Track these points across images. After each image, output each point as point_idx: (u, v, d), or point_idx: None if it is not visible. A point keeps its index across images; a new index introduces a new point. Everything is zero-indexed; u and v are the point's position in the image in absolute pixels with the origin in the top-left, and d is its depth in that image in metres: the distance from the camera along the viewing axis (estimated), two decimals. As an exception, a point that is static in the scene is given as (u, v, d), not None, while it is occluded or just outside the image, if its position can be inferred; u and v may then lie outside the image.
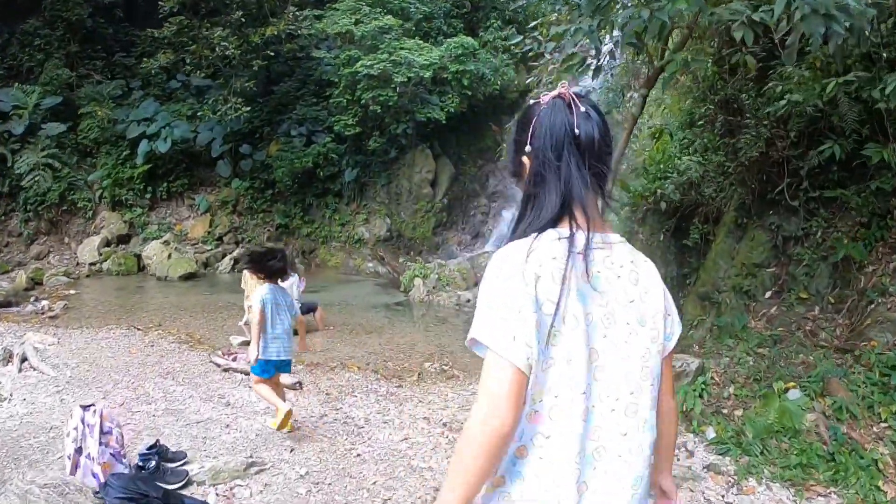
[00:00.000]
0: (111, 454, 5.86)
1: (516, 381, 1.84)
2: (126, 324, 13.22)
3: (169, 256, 20.57)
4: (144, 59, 23.39)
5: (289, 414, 6.77)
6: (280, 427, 6.81)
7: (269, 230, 23.22)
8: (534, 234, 1.97)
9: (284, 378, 7.80)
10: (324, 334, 12.42)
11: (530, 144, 2.07)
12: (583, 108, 2.03)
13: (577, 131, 2.00)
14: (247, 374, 9.28)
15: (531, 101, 2.20)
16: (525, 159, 2.11)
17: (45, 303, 15.64)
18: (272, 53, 22.80)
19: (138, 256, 21.24)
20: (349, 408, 8.16)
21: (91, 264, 21.18)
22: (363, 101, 21.11)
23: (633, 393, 2.01)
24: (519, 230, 2.06)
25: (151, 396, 8.65)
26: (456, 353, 11.08)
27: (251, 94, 23.01)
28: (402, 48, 20.90)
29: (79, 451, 5.72)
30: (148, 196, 23.25)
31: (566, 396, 1.91)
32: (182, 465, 6.41)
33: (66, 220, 23.09)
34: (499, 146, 24.73)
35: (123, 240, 22.45)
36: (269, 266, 7.00)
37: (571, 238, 1.96)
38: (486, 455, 1.84)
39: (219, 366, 10.00)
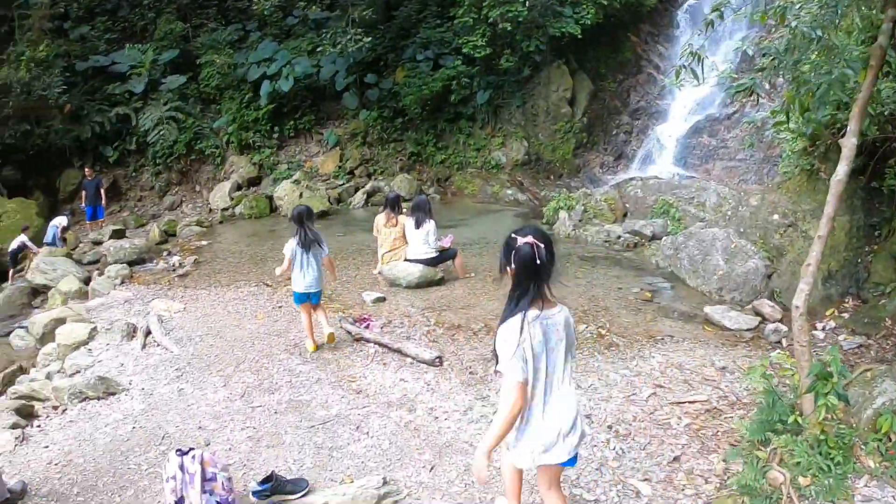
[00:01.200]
0: (217, 503, 4.86)
1: (523, 387, 3.68)
2: (255, 279, 12.24)
3: (300, 195, 19.63)
4: (255, -1, 22.60)
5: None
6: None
7: (401, 160, 21.98)
8: (521, 314, 3.67)
9: (422, 353, 7.69)
10: (464, 284, 10.90)
11: (513, 265, 3.75)
12: (541, 245, 3.66)
13: (538, 262, 3.65)
14: (380, 344, 8.29)
15: (512, 237, 3.77)
16: (508, 271, 3.83)
17: (176, 258, 15.08)
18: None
19: (270, 198, 20.42)
20: (496, 394, 6.61)
21: (223, 209, 20.69)
22: (491, 19, 19.28)
23: (562, 373, 3.91)
24: (514, 310, 3.71)
25: (275, 383, 7.54)
26: (611, 308, 9.39)
27: (371, 21, 21.67)
28: (527, -43, 18.84)
29: (180, 501, 4.80)
30: (275, 136, 22.48)
31: (536, 386, 3.81)
32: (303, 495, 5.22)
33: (195, 168, 22.79)
34: (640, 59, 22.70)
35: (254, 182, 21.86)
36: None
37: (536, 317, 3.72)
38: (513, 421, 3.71)
39: (350, 333, 8.72)
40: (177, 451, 4.95)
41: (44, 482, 5.95)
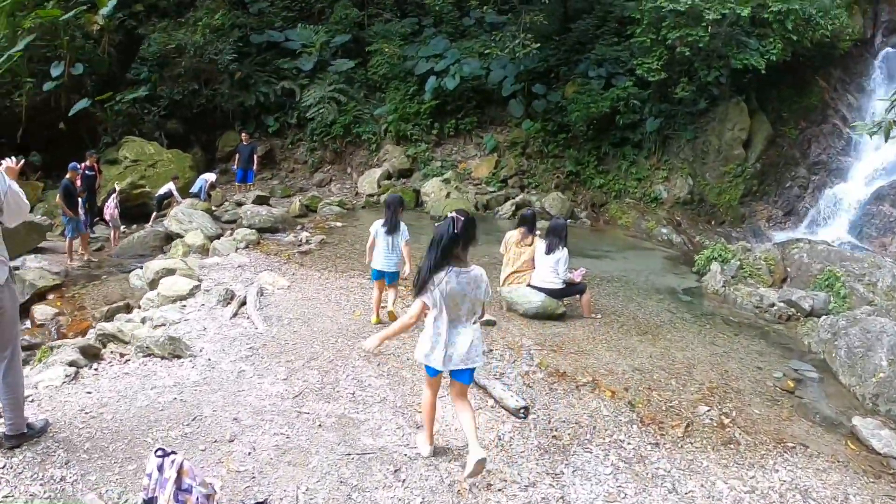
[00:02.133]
0: (187, 518, 4.23)
1: (423, 307, 5.12)
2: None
3: (448, 195, 19.09)
4: (431, -8, 22.51)
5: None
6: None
7: (558, 176, 20.94)
8: (444, 269, 5.04)
9: (507, 399, 6.83)
10: (586, 325, 9.77)
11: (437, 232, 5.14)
12: (461, 220, 5.00)
13: (455, 231, 4.99)
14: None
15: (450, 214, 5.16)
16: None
17: (305, 234, 14.96)
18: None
19: (417, 192, 20.01)
20: (573, 474, 5.59)
21: (369, 195, 20.51)
22: (669, 42, 18.01)
23: (469, 314, 5.24)
24: (434, 264, 5.04)
25: (337, 390, 6.82)
26: (743, 393, 7.90)
27: (545, 30, 20.94)
28: (714, -21, 17.39)
29: (151, 501, 4.32)
30: (434, 132, 22.07)
31: (445, 316, 5.15)
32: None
33: (349, 151, 22.83)
34: (826, 107, 20.82)
35: (404, 174, 21.49)
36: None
37: (452, 270, 5.04)
38: (406, 328, 5.36)
39: None
40: (158, 450, 4.38)
41: (66, 427, 5.70)
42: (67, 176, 15.00)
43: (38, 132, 20.90)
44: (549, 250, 10.00)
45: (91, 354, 7.61)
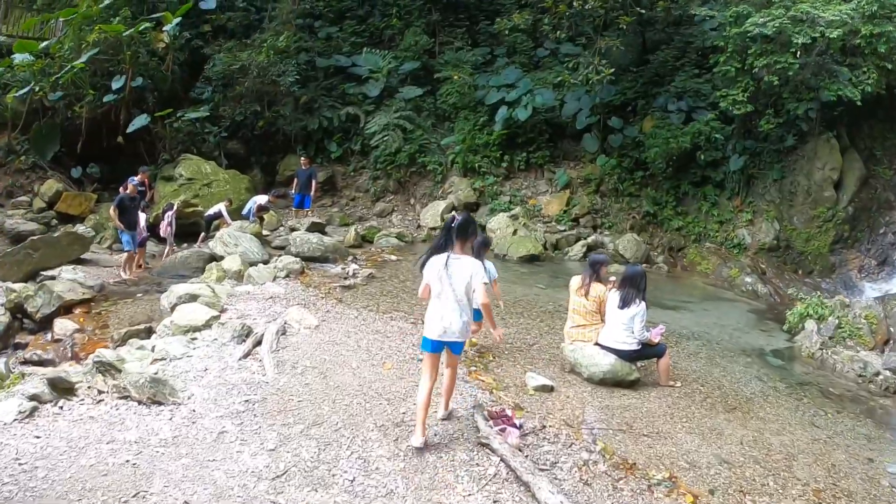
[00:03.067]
0: None
1: (427, 288, 6.46)
2: (417, 314, 10.35)
3: (514, 232, 18.06)
4: (498, 18, 21.86)
5: None
6: None
7: (633, 217, 19.60)
8: (445, 253, 6.35)
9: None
10: (664, 396, 8.48)
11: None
12: (458, 218, 6.45)
13: (452, 225, 6.39)
14: (507, 465, 6.04)
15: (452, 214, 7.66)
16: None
17: (354, 266, 14.16)
18: (641, 11, 19.23)
19: (482, 227, 18.76)
20: None
21: (431, 228, 19.52)
22: (755, 71, 16.63)
23: (459, 295, 6.33)
24: (436, 249, 6.44)
25: (333, 473, 5.71)
26: (855, 496, 6.50)
27: (622, 60, 19.99)
28: (801, 1, 15.96)
29: None
30: (503, 165, 20.94)
31: (439, 295, 6.38)
32: None
33: (413, 181, 21.94)
34: (924, 143, 19.07)
35: (470, 208, 20.29)
36: None
37: (448, 256, 6.32)
38: (421, 299, 6.65)
39: (478, 432, 6.56)
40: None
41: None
42: (125, 189, 14.88)
43: (97, 144, 20.80)
44: (624, 304, 8.67)
45: (62, 388, 6.78)
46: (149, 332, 9.86)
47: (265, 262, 13.78)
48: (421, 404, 6.23)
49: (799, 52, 16.16)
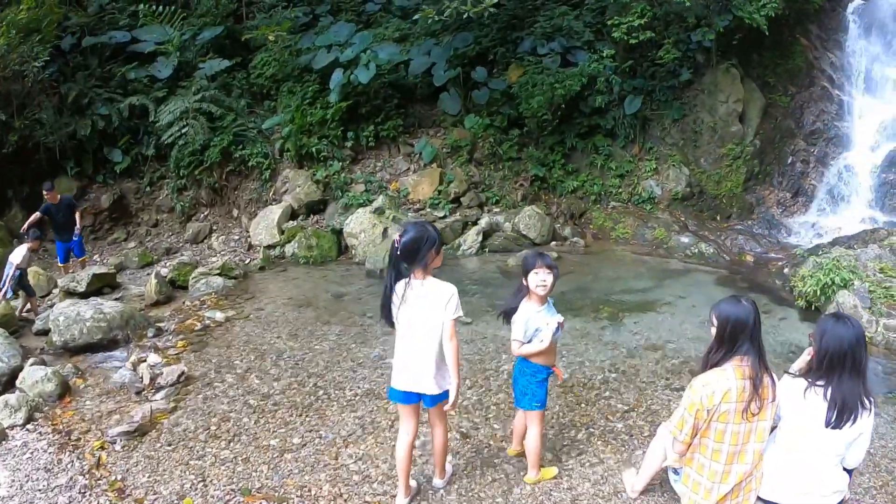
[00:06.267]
0: None
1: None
2: (302, 459, 6.10)
3: (384, 231, 13.44)
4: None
5: None
6: None
7: (522, 185, 15.72)
8: (403, 280, 4.89)
9: None
10: None
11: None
12: (401, 239, 4.79)
13: (397, 251, 4.81)
14: None
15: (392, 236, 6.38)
16: None
17: (153, 359, 8.36)
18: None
19: (338, 233, 14.24)
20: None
21: (267, 247, 14.38)
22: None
23: (428, 330, 4.82)
24: (395, 277, 4.91)
25: None
26: None
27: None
28: None
29: None
30: (348, 145, 15.95)
31: (401, 333, 4.96)
32: None
33: (233, 185, 16.32)
34: (811, 67, 17.20)
35: (316, 209, 15.40)
36: None
37: (404, 284, 4.85)
38: None
39: None
40: None
41: None
42: None
43: None
44: (840, 419, 4.11)
45: None
46: None
47: (16, 374, 7.95)
48: (400, 460, 5.09)
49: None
